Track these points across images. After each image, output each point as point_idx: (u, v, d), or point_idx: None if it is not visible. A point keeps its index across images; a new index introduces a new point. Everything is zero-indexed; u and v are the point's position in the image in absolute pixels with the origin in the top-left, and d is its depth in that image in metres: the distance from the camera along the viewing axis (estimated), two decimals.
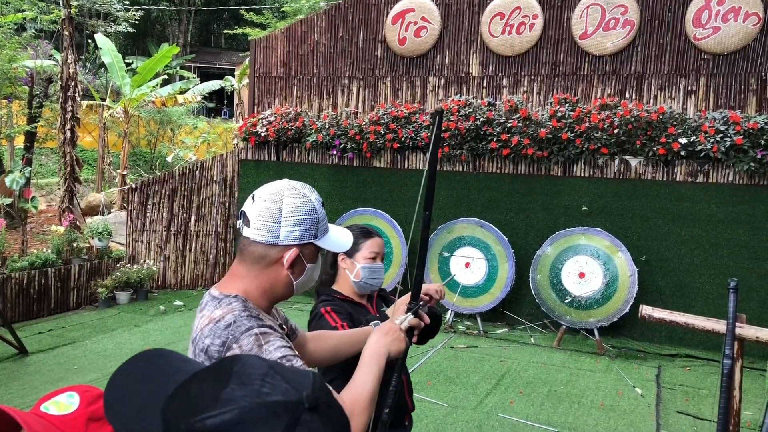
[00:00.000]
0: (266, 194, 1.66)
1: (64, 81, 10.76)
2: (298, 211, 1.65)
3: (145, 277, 9.23)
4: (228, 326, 1.55)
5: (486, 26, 8.47)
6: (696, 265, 7.46)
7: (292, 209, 1.64)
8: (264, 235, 1.63)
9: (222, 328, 1.56)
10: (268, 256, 1.65)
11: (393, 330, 1.80)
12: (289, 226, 1.64)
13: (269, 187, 1.68)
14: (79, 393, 1.04)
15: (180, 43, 29.30)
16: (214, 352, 1.54)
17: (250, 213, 1.65)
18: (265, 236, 1.64)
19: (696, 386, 6.21)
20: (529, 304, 8.12)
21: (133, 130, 17.27)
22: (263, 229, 1.63)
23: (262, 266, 1.66)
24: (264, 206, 1.64)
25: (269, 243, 1.64)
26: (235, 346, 1.52)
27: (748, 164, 7.06)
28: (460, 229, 8.20)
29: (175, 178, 9.99)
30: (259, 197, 1.66)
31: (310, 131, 9.24)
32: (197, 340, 1.60)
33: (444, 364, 6.59)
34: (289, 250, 1.65)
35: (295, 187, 1.69)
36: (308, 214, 1.67)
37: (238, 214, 1.71)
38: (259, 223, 1.63)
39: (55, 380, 5.94)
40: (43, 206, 14.08)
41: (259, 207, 1.64)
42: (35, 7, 13.27)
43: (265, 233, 1.63)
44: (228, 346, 1.53)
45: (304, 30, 9.65)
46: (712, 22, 7.43)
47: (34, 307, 8.36)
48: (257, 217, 1.64)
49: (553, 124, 7.79)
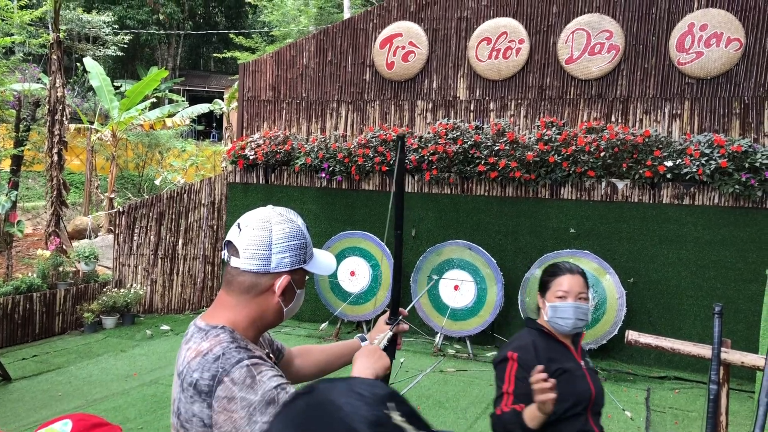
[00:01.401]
0: (254, 222, 1.63)
1: (52, 104, 10.74)
2: (288, 237, 1.63)
3: (132, 301, 9.15)
4: (217, 359, 1.52)
5: (473, 51, 8.56)
6: (683, 287, 7.49)
7: (282, 235, 1.62)
8: (255, 264, 1.60)
9: (211, 361, 1.52)
10: (259, 285, 1.63)
11: (374, 350, 1.83)
12: (280, 252, 1.62)
13: (255, 215, 1.66)
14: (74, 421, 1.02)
15: (169, 66, 29.38)
16: (203, 386, 1.51)
17: (238, 243, 1.62)
18: (256, 265, 1.60)
19: (685, 409, 6.20)
20: (519, 326, 8.10)
21: (121, 153, 17.23)
22: (254, 258, 1.60)
23: (252, 296, 1.63)
24: (253, 234, 1.61)
25: (260, 271, 1.61)
26: (226, 379, 1.50)
27: (733, 187, 7.13)
28: (448, 252, 8.20)
29: (163, 201, 9.96)
30: (246, 226, 1.63)
31: (298, 154, 9.26)
32: (184, 374, 1.57)
33: (433, 389, 6.55)
34: (280, 277, 1.63)
35: (281, 213, 1.67)
36: (298, 239, 1.65)
37: (224, 245, 1.68)
38: (250, 252, 1.60)
39: (38, 407, 5.84)
40: (29, 230, 13.98)
41: (248, 236, 1.61)
42: (24, 31, 13.28)
43: (255, 262, 1.60)
44: (219, 379, 1.50)
45: (293, 54, 9.71)
46: (695, 47, 7.55)
47: (18, 333, 8.25)
48: (247, 246, 1.60)
49: (540, 147, 7.85)
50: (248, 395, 1.48)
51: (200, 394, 1.52)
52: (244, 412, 1.46)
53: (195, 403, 1.53)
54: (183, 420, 1.56)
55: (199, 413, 1.52)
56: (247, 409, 1.47)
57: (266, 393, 1.48)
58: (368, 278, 8.61)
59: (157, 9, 27.86)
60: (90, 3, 26.00)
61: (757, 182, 7.05)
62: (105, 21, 23.37)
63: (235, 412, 1.47)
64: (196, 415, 1.53)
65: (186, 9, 30.33)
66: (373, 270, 8.62)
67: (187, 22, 30.54)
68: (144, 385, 6.43)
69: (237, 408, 1.47)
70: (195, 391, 1.53)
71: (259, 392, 1.48)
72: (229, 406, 1.48)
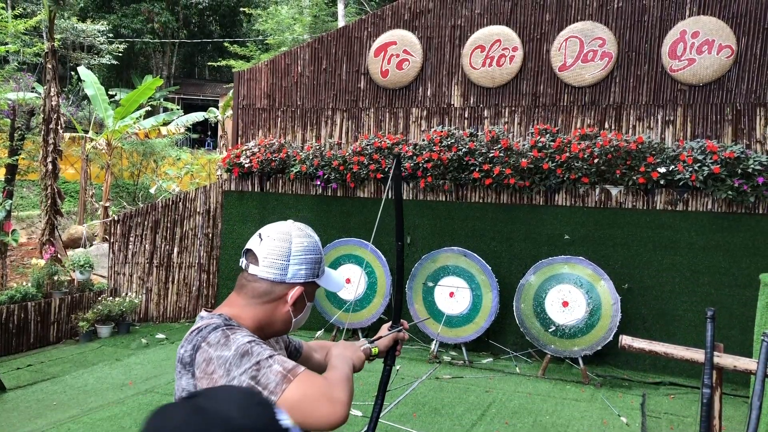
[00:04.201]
0: (275, 233, 1.73)
1: (47, 113, 10.74)
2: (306, 250, 1.73)
3: (127, 309, 9.13)
4: (199, 332, 1.60)
5: (467, 58, 8.60)
6: (678, 293, 7.52)
7: (301, 248, 1.72)
8: (273, 273, 1.69)
9: (194, 334, 1.60)
10: (273, 293, 1.71)
11: (351, 345, 1.92)
12: (297, 264, 1.71)
13: (277, 227, 1.76)
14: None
15: (164, 75, 29.40)
16: (186, 358, 1.58)
17: (258, 251, 1.71)
18: (274, 273, 1.69)
19: (681, 414, 6.22)
20: (514, 333, 8.13)
21: (116, 162, 17.21)
22: (272, 267, 1.69)
23: (263, 301, 1.71)
24: (274, 245, 1.70)
25: (276, 280, 1.70)
26: (203, 344, 1.56)
27: (726, 192, 7.18)
28: (443, 259, 8.22)
29: (158, 209, 9.95)
30: (267, 236, 1.72)
31: (293, 162, 9.27)
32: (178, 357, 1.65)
33: (429, 395, 6.56)
34: (294, 287, 1.72)
35: (300, 228, 1.78)
36: (314, 254, 1.76)
37: (243, 252, 1.76)
38: (269, 261, 1.69)
39: (33, 417, 5.82)
40: (24, 239, 13.94)
41: (269, 246, 1.70)
42: (18, 40, 13.29)
43: (273, 271, 1.69)
44: (197, 346, 1.57)
45: (288, 62, 9.74)
46: (687, 54, 7.60)
47: (13, 342, 8.22)
48: (267, 255, 1.69)
49: (534, 154, 7.89)
50: (223, 352, 1.53)
51: (185, 366, 1.58)
52: (222, 370, 1.51)
53: (183, 377, 1.59)
54: (176, 399, 1.59)
55: (186, 386, 1.58)
56: (224, 366, 1.51)
57: (240, 347, 1.53)
58: (364, 285, 8.61)
59: (151, 18, 27.90)
60: (85, 12, 26.01)
61: (749, 188, 7.10)
62: (100, 30, 23.39)
63: (214, 372, 1.52)
64: (185, 389, 1.58)
65: (180, 18, 30.39)
66: (369, 277, 8.63)
67: (181, 30, 30.58)
68: (139, 393, 6.41)
69: (215, 368, 1.52)
70: (181, 365, 1.60)
71: (232, 347, 1.53)
72: (207, 369, 1.53)
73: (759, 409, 2.13)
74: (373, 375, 3.88)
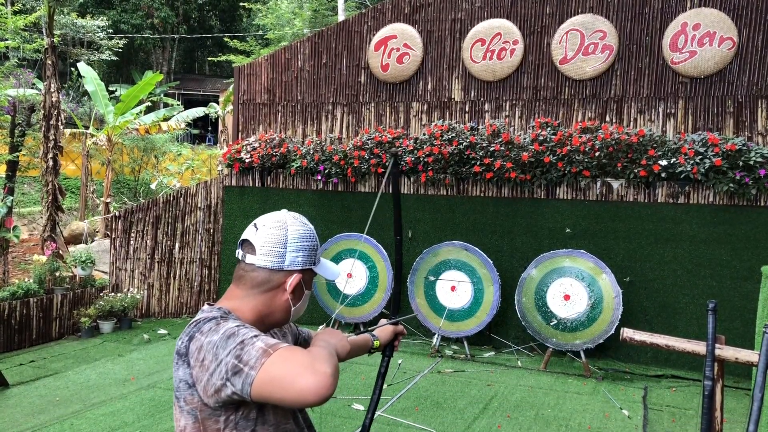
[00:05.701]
0: (270, 222, 1.73)
1: (47, 110, 10.73)
2: (302, 237, 1.73)
3: (129, 305, 9.14)
4: (197, 324, 1.61)
5: (467, 52, 8.58)
6: (679, 286, 7.52)
7: (297, 236, 1.72)
8: (270, 261, 1.69)
9: (192, 327, 1.62)
10: (271, 281, 1.71)
11: (334, 332, 1.89)
12: (294, 251, 1.71)
13: (271, 216, 1.76)
14: None
15: (164, 70, 29.38)
16: (182, 348, 1.59)
17: (255, 240, 1.71)
18: (271, 262, 1.69)
19: (682, 407, 6.22)
20: (516, 327, 8.13)
21: (117, 158, 17.21)
22: (269, 255, 1.69)
23: (262, 290, 1.71)
24: (270, 233, 1.71)
25: (274, 268, 1.70)
26: (197, 334, 1.57)
27: (727, 185, 7.17)
28: (445, 253, 8.21)
29: (159, 205, 9.96)
30: (263, 225, 1.73)
31: (294, 157, 9.26)
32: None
33: (431, 389, 6.56)
34: (292, 275, 1.72)
35: (295, 216, 1.78)
36: (310, 241, 1.76)
37: (239, 243, 1.76)
38: (266, 249, 1.69)
39: (36, 412, 5.84)
40: (25, 235, 13.96)
41: (265, 234, 1.71)
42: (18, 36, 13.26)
43: (271, 259, 1.69)
44: (191, 336, 1.58)
45: (288, 57, 9.72)
46: (688, 46, 7.58)
47: (15, 338, 8.23)
48: (263, 244, 1.70)
49: (535, 148, 7.88)
50: (212, 338, 1.54)
51: (181, 357, 1.59)
52: (210, 355, 1.52)
53: (180, 368, 1.60)
54: (175, 391, 1.63)
55: (183, 377, 1.59)
56: (212, 351, 1.52)
57: (227, 330, 1.54)
58: (365, 280, 8.62)
59: (151, 13, 27.86)
60: (84, 8, 25.95)
61: (751, 180, 7.09)
62: (99, 26, 23.33)
63: (205, 359, 1.53)
64: (182, 380, 1.59)
65: (180, 13, 30.32)
66: (370, 272, 8.63)
67: (181, 26, 30.52)
68: (142, 389, 6.42)
69: (205, 354, 1.53)
70: (178, 356, 1.60)
71: (220, 332, 1.54)
72: (199, 356, 1.54)
73: (761, 401, 2.13)
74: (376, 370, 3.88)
